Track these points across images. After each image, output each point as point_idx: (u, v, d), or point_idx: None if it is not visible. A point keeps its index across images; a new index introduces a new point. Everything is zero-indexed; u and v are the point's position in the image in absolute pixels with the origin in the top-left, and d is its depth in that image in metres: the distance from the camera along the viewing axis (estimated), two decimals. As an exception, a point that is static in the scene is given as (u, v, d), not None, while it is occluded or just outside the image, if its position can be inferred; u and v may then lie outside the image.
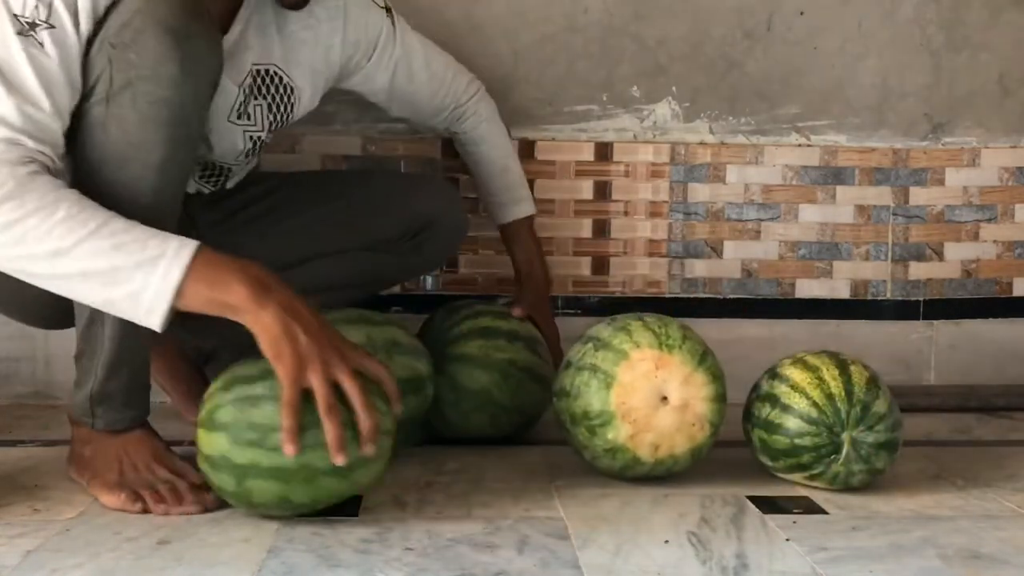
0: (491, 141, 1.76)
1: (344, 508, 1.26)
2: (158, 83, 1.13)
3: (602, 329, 1.40)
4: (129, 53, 1.13)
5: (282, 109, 1.51)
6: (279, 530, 1.18)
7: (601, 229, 1.93)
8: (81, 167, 1.18)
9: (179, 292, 1.07)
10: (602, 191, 1.93)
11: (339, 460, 1.10)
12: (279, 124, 1.52)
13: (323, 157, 1.87)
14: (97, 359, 1.24)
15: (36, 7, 1.12)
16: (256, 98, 1.47)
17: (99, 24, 1.15)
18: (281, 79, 1.49)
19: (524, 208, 1.77)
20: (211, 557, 1.10)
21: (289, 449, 1.09)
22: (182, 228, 1.51)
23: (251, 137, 1.48)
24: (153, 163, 1.16)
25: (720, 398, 1.36)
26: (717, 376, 1.36)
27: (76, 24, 1.14)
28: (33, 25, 1.12)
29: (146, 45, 1.12)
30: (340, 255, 1.62)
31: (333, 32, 1.52)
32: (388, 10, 1.60)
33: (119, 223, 1.09)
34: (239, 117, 1.46)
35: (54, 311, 1.32)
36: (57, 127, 1.14)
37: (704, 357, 1.36)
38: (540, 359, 1.60)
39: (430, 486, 1.36)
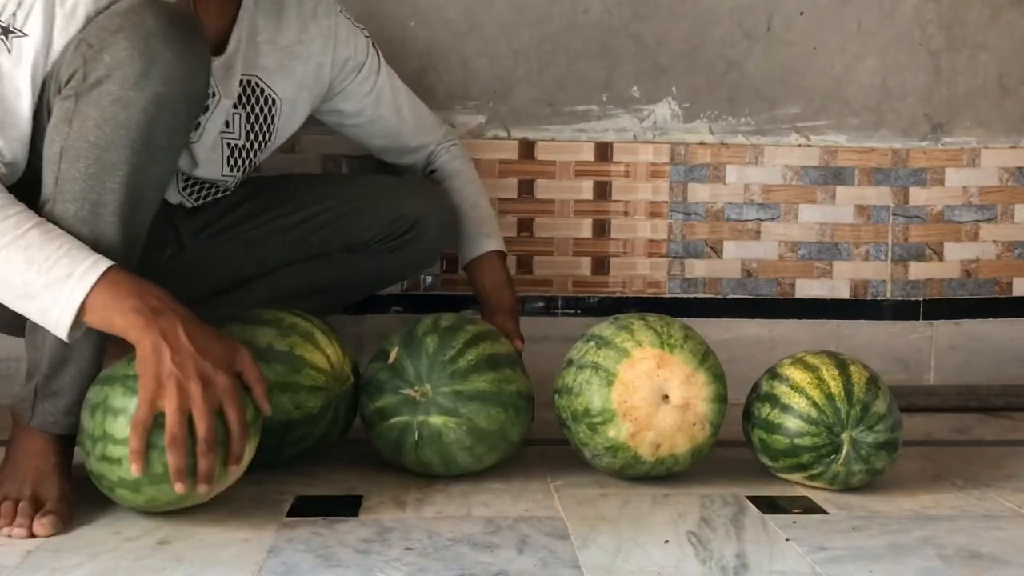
0: (463, 177, 1.73)
1: (344, 508, 1.26)
2: (122, 83, 1.13)
3: (604, 328, 1.40)
4: (104, 54, 1.13)
5: (262, 120, 1.50)
6: (279, 530, 1.18)
7: (601, 229, 1.93)
8: (45, 158, 1.18)
9: (82, 312, 1.11)
10: (602, 191, 1.93)
11: (178, 488, 1.11)
12: (261, 138, 1.51)
13: (323, 157, 1.87)
14: (42, 352, 1.22)
15: (14, 14, 1.14)
16: (236, 108, 1.46)
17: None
18: (263, 90, 1.49)
19: (495, 243, 1.69)
20: (211, 557, 1.10)
21: (134, 469, 1.11)
22: (163, 235, 1.51)
23: (229, 144, 1.48)
24: (106, 162, 1.15)
25: (721, 398, 1.36)
26: (718, 376, 1.36)
27: (50, 34, 1.16)
28: (6, 31, 1.13)
29: (118, 46, 1.13)
30: (322, 258, 1.61)
31: (325, 51, 1.54)
32: (372, 42, 1.61)
33: (36, 235, 1.11)
34: (224, 126, 1.46)
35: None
36: (10, 135, 1.15)
37: (706, 357, 1.36)
38: (528, 378, 1.45)
39: (430, 486, 1.36)
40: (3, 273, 1.11)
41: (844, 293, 1.98)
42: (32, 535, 1.15)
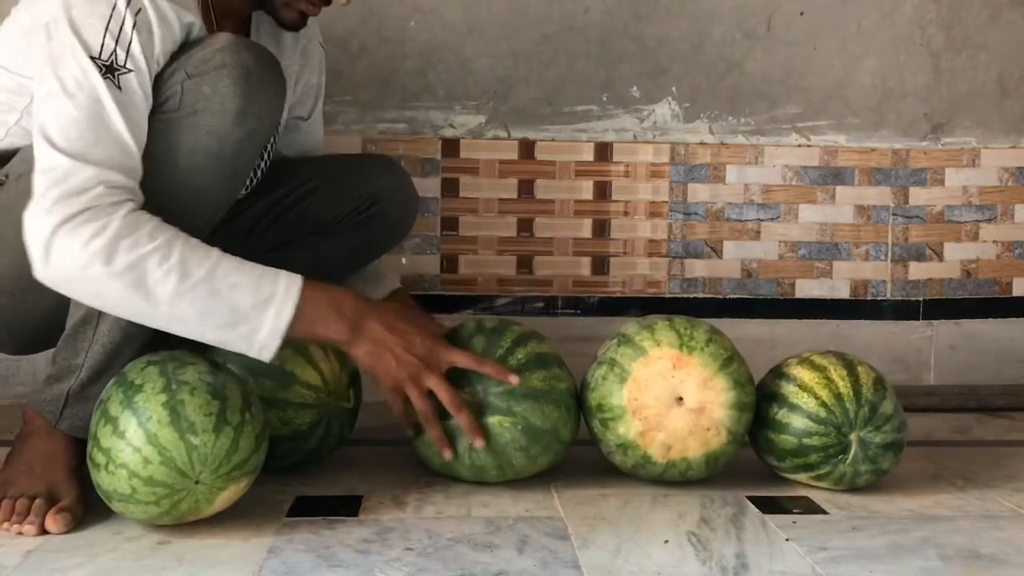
0: None
1: (344, 508, 1.26)
2: (221, 117, 1.18)
3: (630, 325, 1.39)
4: (203, 86, 1.18)
5: (268, 147, 1.50)
6: (279, 530, 1.18)
7: (601, 229, 1.93)
8: None
9: (288, 330, 1.16)
10: (602, 191, 1.93)
11: (447, 455, 1.31)
12: (264, 157, 1.51)
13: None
14: (81, 359, 1.23)
15: (114, 51, 1.16)
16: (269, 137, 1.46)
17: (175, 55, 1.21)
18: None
19: (396, 278, 1.71)
20: (211, 557, 1.10)
21: (447, 454, 1.31)
22: None
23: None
24: (191, 186, 1.20)
25: (743, 406, 1.33)
26: (740, 383, 1.33)
27: (150, 69, 1.18)
28: (112, 69, 1.15)
29: (221, 81, 1.18)
30: (290, 247, 1.58)
31: (311, 73, 1.57)
32: None
33: (229, 261, 1.15)
34: None
35: (19, 340, 1.34)
36: (139, 165, 1.17)
37: (728, 362, 1.33)
38: (573, 378, 1.41)
39: (430, 486, 1.36)
40: (207, 304, 1.13)
41: (844, 293, 1.98)
42: (43, 532, 1.16)
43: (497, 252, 1.91)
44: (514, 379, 1.29)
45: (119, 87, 1.15)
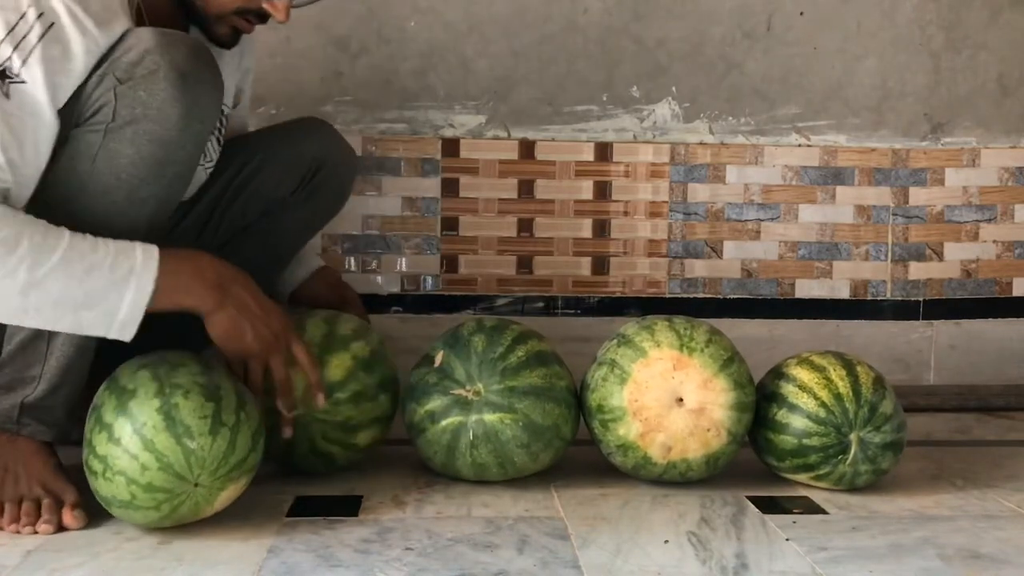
0: None
1: (344, 508, 1.26)
2: (163, 124, 1.14)
3: (630, 326, 1.40)
4: (139, 91, 1.13)
5: (221, 135, 1.49)
6: (279, 530, 1.18)
7: (601, 229, 1.93)
8: (55, 190, 1.16)
9: (149, 305, 1.12)
10: (602, 191, 1.93)
11: (288, 433, 1.28)
12: (219, 148, 1.50)
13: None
14: (37, 371, 1.21)
15: (10, 58, 1.09)
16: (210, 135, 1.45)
17: (99, 63, 1.14)
18: (222, 111, 1.48)
19: (316, 259, 1.71)
20: (211, 557, 1.10)
21: (287, 432, 1.28)
22: None
23: (206, 170, 1.48)
24: (137, 198, 1.16)
25: (743, 407, 1.33)
26: (741, 384, 1.33)
27: (55, 84, 1.11)
28: (3, 75, 1.09)
29: (157, 86, 1.13)
30: (245, 235, 1.56)
31: (245, 58, 1.55)
32: None
33: (82, 242, 1.10)
34: (202, 158, 1.44)
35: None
36: (8, 175, 1.10)
37: (728, 363, 1.33)
38: (572, 376, 1.42)
39: (430, 486, 1.36)
40: (62, 287, 1.07)
41: (844, 293, 1.98)
42: (62, 529, 1.17)
43: (497, 252, 1.91)
44: (321, 400, 1.29)
45: (6, 95, 1.09)
